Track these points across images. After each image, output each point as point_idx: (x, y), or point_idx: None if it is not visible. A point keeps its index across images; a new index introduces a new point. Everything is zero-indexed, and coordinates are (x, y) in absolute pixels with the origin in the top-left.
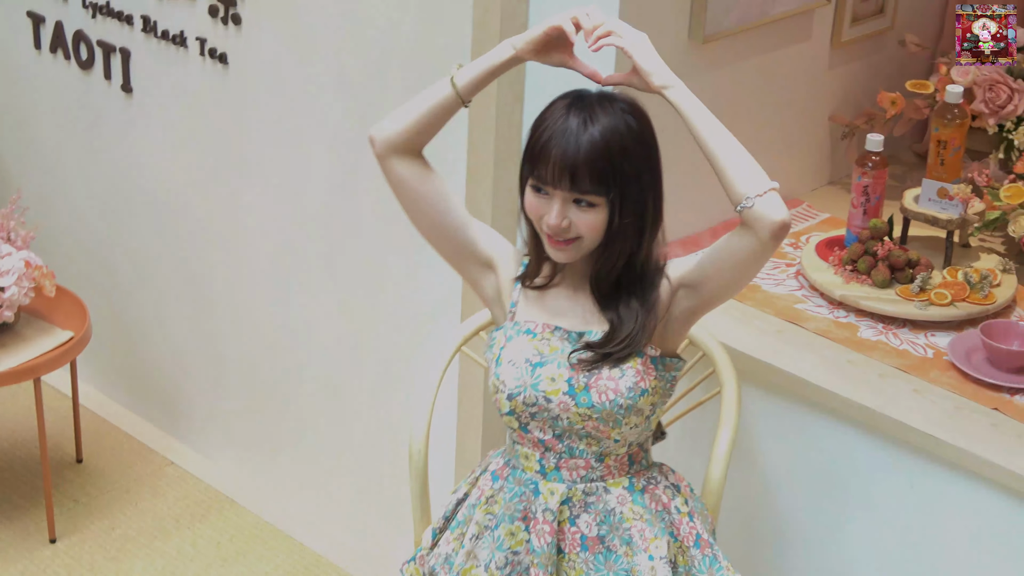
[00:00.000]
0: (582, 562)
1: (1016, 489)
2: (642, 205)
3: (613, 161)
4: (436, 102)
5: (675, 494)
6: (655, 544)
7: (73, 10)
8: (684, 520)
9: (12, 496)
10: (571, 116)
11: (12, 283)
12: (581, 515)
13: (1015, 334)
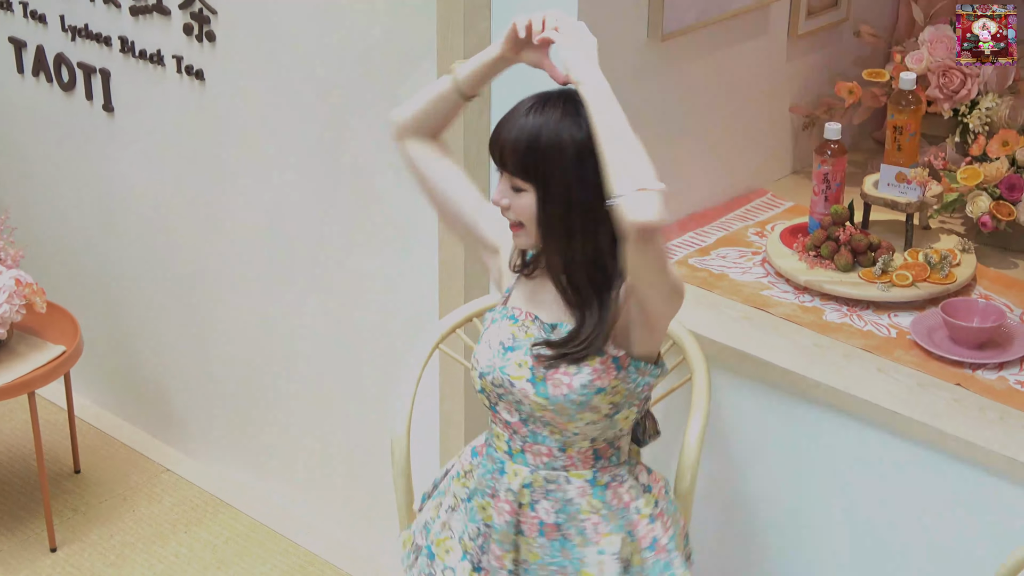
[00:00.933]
0: (539, 547)
1: (980, 461)
2: (567, 203)
3: (538, 152)
4: (438, 92)
5: (640, 494)
6: (608, 540)
7: (53, 34)
8: (643, 522)
9: (12, 507)
10: (526, 105)
11: (3, 301)
12: (541, 501)
13: (975, 311)
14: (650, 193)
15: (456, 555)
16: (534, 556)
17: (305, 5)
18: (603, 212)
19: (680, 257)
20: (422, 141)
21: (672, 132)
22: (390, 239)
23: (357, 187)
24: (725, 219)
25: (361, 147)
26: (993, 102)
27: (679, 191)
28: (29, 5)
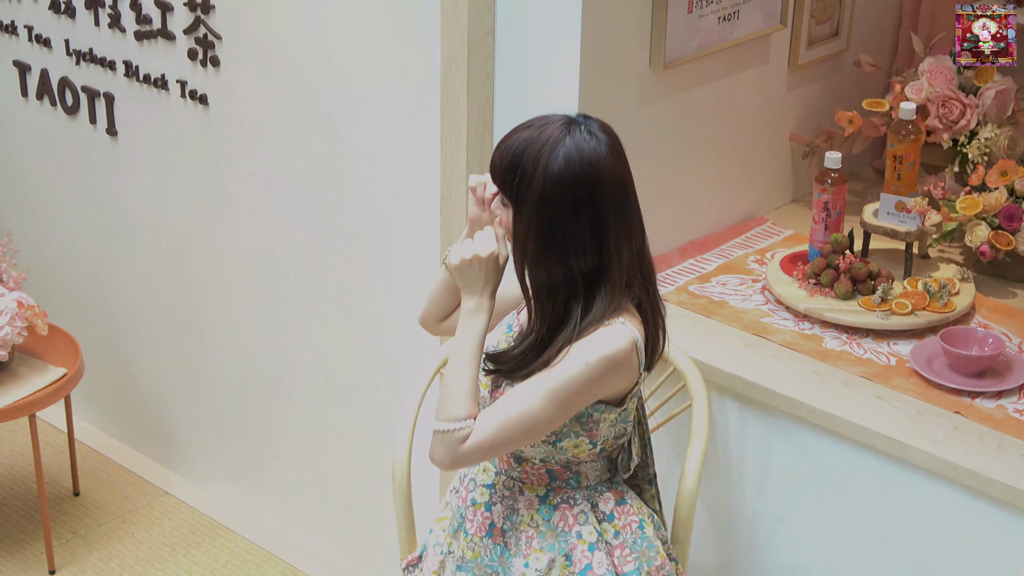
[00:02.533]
0: (482, 547)
1: (978, 489)
2: (527, 228)
3: (515, 172)
4: (442, 283)
5: (588, 520)
6: (536, 556)
7: (58, 58)
8: (581, 547)
9: (11, 530)
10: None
11: (5, 323)
12: (496, 504)
13: (974, 340)
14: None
15: (448, 534)
16: (474, 554)
17: (308, 33)
18: (561, 246)
19: (681, 284)
20: (445, 320)
21: (673, 159)
22: (390, 262)
23: (356, 211)
24: (725, 246)
25: (360, 171)
26: (992, 132)
27: (680, 218)
28: (34, 29)
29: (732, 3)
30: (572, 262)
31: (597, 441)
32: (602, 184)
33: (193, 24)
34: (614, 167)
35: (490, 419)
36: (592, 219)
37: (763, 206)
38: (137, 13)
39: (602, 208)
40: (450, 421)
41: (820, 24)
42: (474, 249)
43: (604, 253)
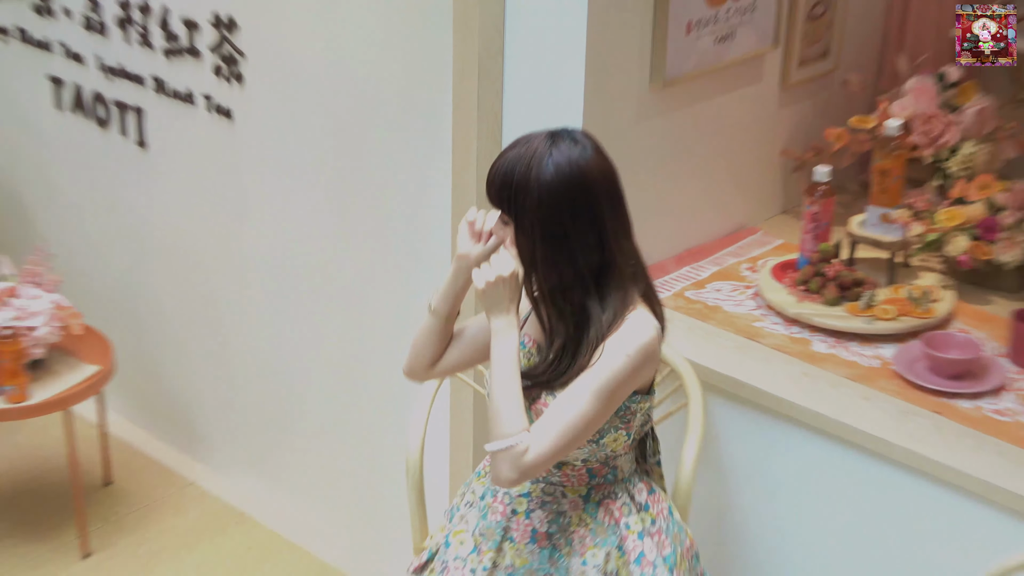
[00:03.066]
0: (528, 552)
1: (958, 485)
2: (533, 237)
3: (511, 188)
4: (427, 330)
5: (632, 511)
6: (592, 552)
7: (91, 73)
8: (632, 537)
9: (48, 516)
10: (512, 143)
11: (42, 323)
12: (536, 511)
13: (954, 344)
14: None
15: (467, 547)
16: (522, 561)
17: (325, 52)
18: (566, 247)
19: (677, 290)
20: (438, 365)
21: (671, 172)
22: (403, 268)
23: (371, 218)
24: (719, 254)
25: (375, 180)
26: (972, 148)
27: (677, 228)
28: (68, 45)
29: (728, 25)
30: (579, 261)
31: (632, 432)
32: (593, 183)
33: (218, 42)
34: (601, 166)
35: (547, 428)
36: (590, 218)
37: (755, 217)
38: (166, 31)
39: (597, 206)
40: (509, 437)
41: (811, 45)
42: (496, 271)
43: (606, 248)
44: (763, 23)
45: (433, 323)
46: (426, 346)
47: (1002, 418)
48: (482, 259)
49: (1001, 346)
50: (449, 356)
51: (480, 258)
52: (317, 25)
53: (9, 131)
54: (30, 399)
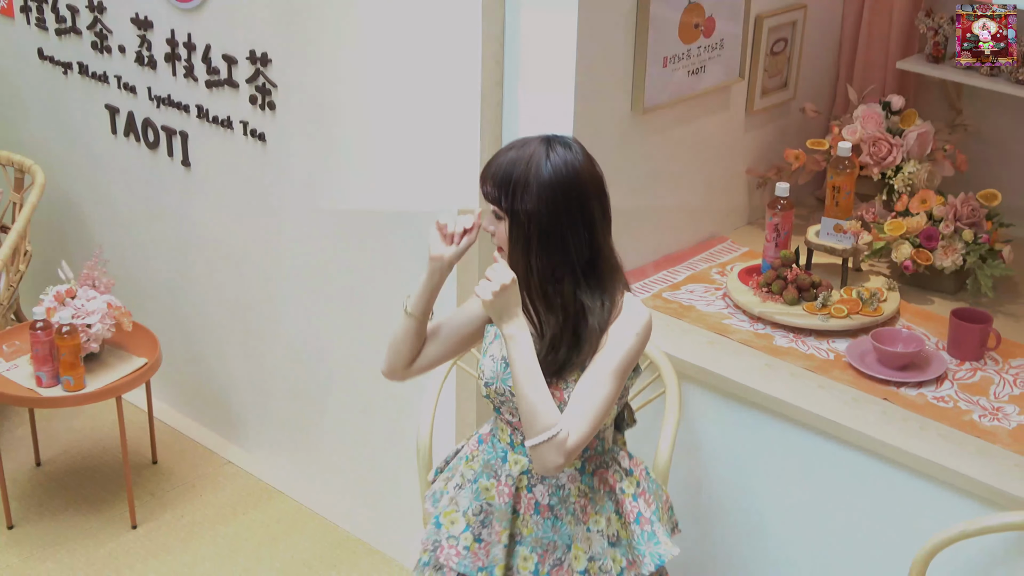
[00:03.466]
0: (534, 523)
1: (902, 463)
2: (528, 232)
3: (508, 187)
4: (403, 331)
5: (623, 477)
6: (594, 519)
7: (142, 102)
8: (627, 500)
9: (100, 492)
10: (508, 145)
11: (97, 321)
12: (537, 486)
13: (900, 339)
14: (542, 446)
15: (460, 526)
16: (529, 530)
17: (353, 83)
18: (561, 243)
19: (655, 291)
20: (415, 364)
21: (650, 188)
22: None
23: (390, 231)
24: (692, 260)
25: (394, 197)
26: (914, 167)
27: (655, 237)
28: (122, 78)
29: (699, 59)
30: (571, 254)
31: (619, 406)
32: (585, 184)
33: (254, 75)
34: (591, 169)
35: (580, 414)
36: (582, 215)
37: (724, 227)
38: (207, 65)
39: (588, 204)
40: (549, 430)
41: (772, 77)
42: (500, 280)
43: (595, 243)
44: (730, 58)
45: (409, 324)
46: (404, 346)
47: (943, 404)
48: (454, 260)
49: (941, 341)
50: (427, 353)
51: (452, 259)
52: (341, 61)
53: (70, 153)
54: (86, 388)
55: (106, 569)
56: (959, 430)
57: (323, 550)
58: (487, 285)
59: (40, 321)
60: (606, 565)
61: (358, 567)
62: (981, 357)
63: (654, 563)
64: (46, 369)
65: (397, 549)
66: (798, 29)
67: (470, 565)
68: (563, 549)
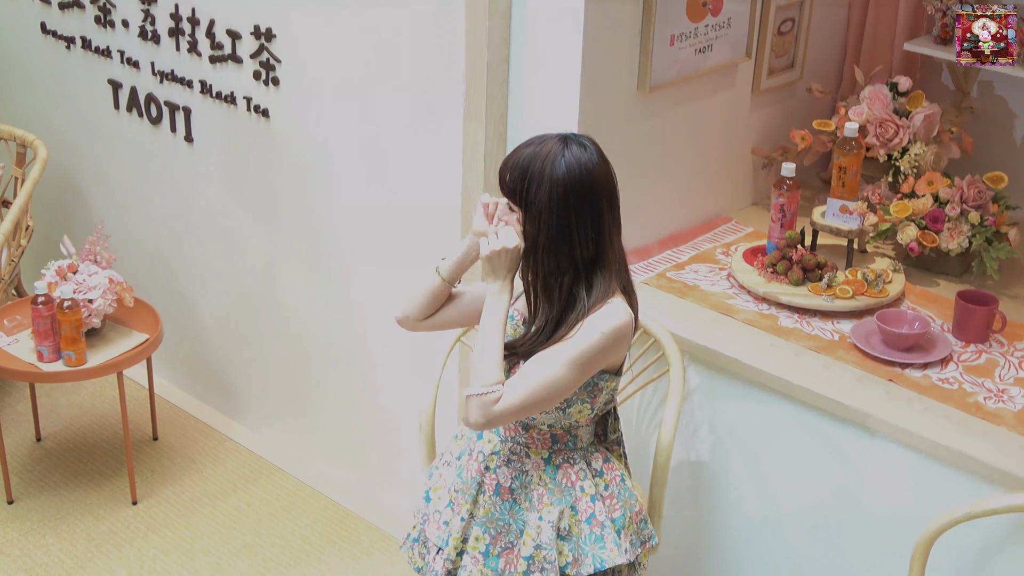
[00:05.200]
0: (492, 503)
1: (907, 443)
2: (539, 226)
3: (525, 180)
4: (431, 289)
5: (587, 476)
6: (548, 509)
7: (144, 77)
8: (585, 499)
9: (101, 468)
10: (526, 141)
11: (99, 296)
12: (502, 467)
13: (904, 320)
14: (472, 399)
15: (443, 502)
16: (485, 511)
17: (354, 58)
18: (568, 239)
19: (660, 271)
20: (431, 319)
21: (655, 167)
22: (419, 247)
23: (392, 204)
24: (697, 240)
25: (393, 172)
26: (921, 149)
27: (660, 216)
28: (126, 52)
29: (706, 38)
30: (577, 252)
31: (595, 407)
32: (597, 185)
33: (258, 50)
34: (605, 171)
35: (519, 385)
36: (592, 214)
37: (729, 207)
38: (211, 40)
39: (599, 204)
40: (483, 386)
41: (778, 57)
42: (502, 242)
43: (601, 243)
44: (737, 37)
45: (437, 284)
46: (424, 302)
47: (947, 386)
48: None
49: (947, 323)
50: (443, 314)
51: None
52: (344, 36)
53: (73, 128)
54: (87, 363)
55: (106, 544)
56: (964, 412)
57: (323, 526)
58: (491, 241)
59: (41, 296)
60: (551, 556)
61: (358, 544)
62: (986, 339)
63: (594, 566)
64: (47, 344)
65: (396, 526)
66: (805, 9)
67: (444, 539)
68: (516, 534)
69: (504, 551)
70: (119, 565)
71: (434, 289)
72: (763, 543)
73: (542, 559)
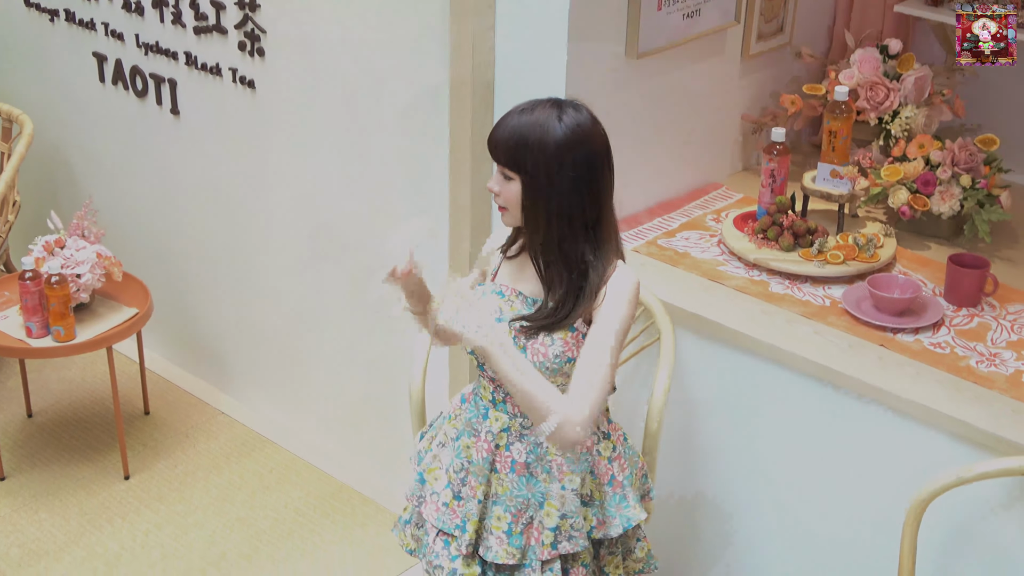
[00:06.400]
0: (509, 482)
1: (899, 408)
2: (547, 192)
3: (525, 147)
4: None
5: (600, 439)
6: (569, 478)
7: (129, 49)
8: (603, 462)
9: (93, 443)
10: (519, 107)
11: (87, 271)
12: (515, 443)
13: (895, 285)
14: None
15: (441, 483)
16: (504, 489)
17: (338, 28)
18: (575, 202)
19: (650, 238)
20: None
21: (645, 134)
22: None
23: (378, 176)
24: (687, 207)
25: (384, 146)
26: (912, 112)
27: (650, 184)
28: (110, 25)
29: (694, 2)
30: (584, 213)
31: None
32: (596, 146)
33: (242, 20)
34: (600, 131)
35: (587, 386)
36: (593, 175)
37: (719, 173)
38: (195, 11)
39: (599, 165)
40: (553, 418)
41: (768, 21)
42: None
43: (603, 203)
44: (726, 2)
45: None
46: None
47: (939, 350)
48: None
49: (938, 287)
50: None
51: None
52: (330, 5)
53: (58, 102)
54: (76, 339)
55: (99, 518)
56: (956, 376)
57: (315, 499)
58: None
59: (29, 271)
60: (577, 523)
61: (351, 515)
62: (978, 303)
63: (622, 526)
64: (36, 319)
65: (389, 498)
66: None
67: (448, 521)
68: (535, 507)
69: (526, 527)
70: (112, 539)
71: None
72: (754, 509)
73: (568, 527)
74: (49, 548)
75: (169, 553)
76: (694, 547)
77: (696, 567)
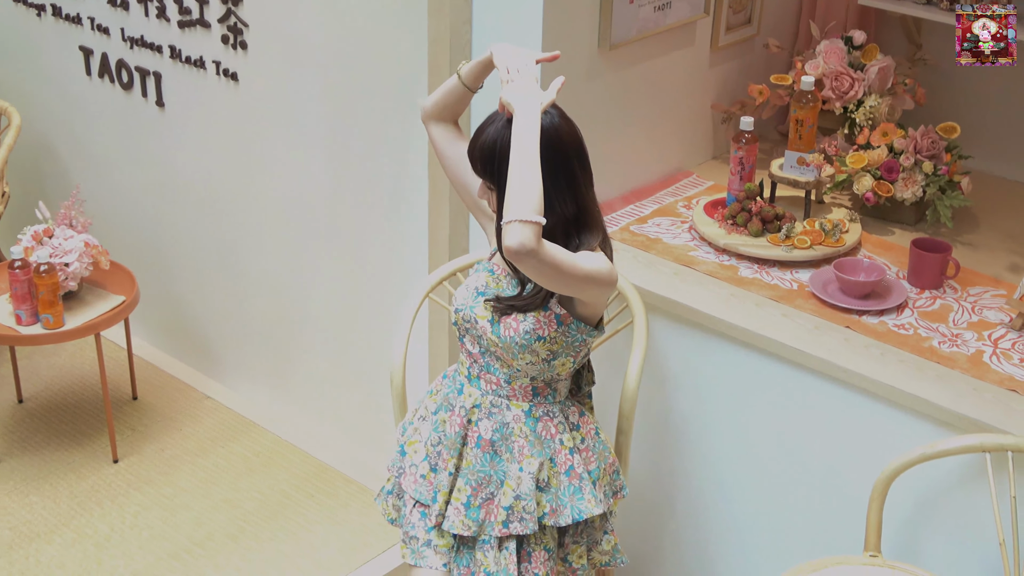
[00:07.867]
0: (474, 456)
1: (865, 389)
2: None
3: (495, 160)
4: (450, 86)
5: (566, 429)
6: (528, 461)
7: (115, 43)
8: (564, 452)
9: (83, 427)
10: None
11: (75, 260)
12: (484, 420)
13: (861, 269)
14: (518, 224)
15: (420, 455)
16: (468, 463)
17: (320, 21)
18: (551, 200)
19: (623, 225)
20: (443, 125)
21: (617, 124)
22: (388, 210)
23: (362, 168)
24: (659, 194)
25: (365, 136)
26: (876, 101)
27: (622, 172)
28: (96, 19)
29: None
30: (558, 210)
31: (577, 361)
32: (565, 144)
33: (225, 14)
34: (569, 129)
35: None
36: (565, 173)
37: (689, 162)
38: (179, 5)
39: (569, 162)
40: (535, 213)
41: (736, 13)
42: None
43: (579, 198)
44: None
45: (454, 83)
46: (439, 97)
47: (903, 332)
48: None
49: (902, 270)
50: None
51: None
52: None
53: (46, 95)
54: (65, 326)
55: (89, 502)
56: (919, 356)
57: (301, 481)
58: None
59: (18, 260)
60: (530, 506)
61: (335, 496)
62: (940, 285)
63: (572, 516)
64: (25, 307)
65: (373, 479)
66: None
67: (425, 493)
68: (496, 484)
69: (485, 502)
70: (102, 521)
71: (451, 87)
72: (725, 485)
73: (521, 509)
74: (40, 530)
75: (157, 534)
76: (667, 522)
77: (668, 542)
